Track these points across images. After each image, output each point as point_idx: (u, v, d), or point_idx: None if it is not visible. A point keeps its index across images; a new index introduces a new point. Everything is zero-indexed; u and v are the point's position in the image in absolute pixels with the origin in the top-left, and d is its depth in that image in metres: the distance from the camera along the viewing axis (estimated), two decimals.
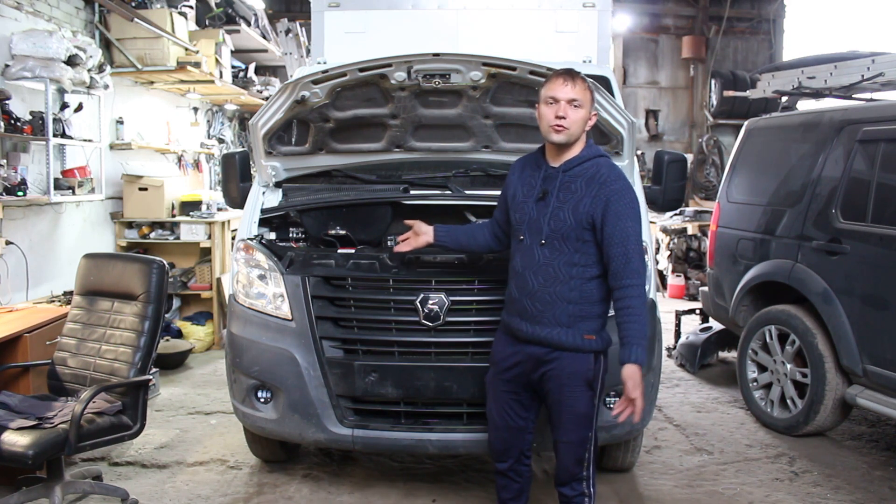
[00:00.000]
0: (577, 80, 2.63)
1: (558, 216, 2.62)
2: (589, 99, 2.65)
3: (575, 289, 2.62)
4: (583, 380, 2.65)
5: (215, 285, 6.26)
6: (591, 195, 2.59)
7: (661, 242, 9.39)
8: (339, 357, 3.17)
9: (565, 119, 2.59)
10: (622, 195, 2.59)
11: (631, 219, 2.59)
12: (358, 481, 3.65)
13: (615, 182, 2.61)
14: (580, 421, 2.69)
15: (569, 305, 2.62)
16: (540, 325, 2.65)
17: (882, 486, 3.68)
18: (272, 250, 3.39)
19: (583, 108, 2.62)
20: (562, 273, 2.62)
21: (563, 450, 2.74)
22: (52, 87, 4.87)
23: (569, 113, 2.60)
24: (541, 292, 2.64)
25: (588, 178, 2.63)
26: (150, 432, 4.18)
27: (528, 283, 2.67)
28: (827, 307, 4.06)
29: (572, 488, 2.75)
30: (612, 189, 2.59)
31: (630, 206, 2.60)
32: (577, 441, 2.71)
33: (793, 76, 6.01)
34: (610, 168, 2.66)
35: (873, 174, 3.97)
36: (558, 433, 2.74)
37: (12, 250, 4.78)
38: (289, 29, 7.38)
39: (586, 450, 2.72)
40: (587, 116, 2.65)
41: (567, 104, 2.60)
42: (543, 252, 2.64)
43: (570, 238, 2.61)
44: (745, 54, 13.07)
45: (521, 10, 4.38)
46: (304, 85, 3.23)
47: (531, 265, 2.66)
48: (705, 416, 4.72)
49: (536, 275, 2.65)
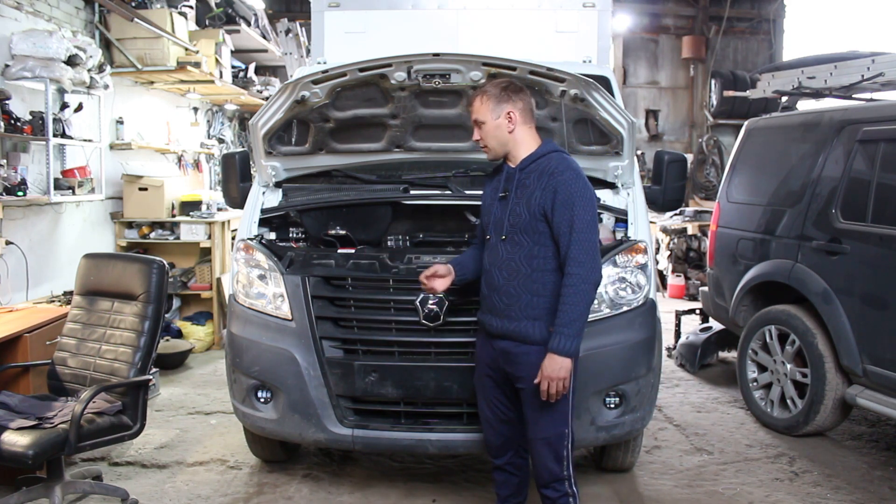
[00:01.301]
0: (473, 100, 2.74)
1: (515, 211, 2.68)
2: (487, 108, 2.68)
3: (537, 281, 2.66)
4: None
5: (215, 285, 6.26)
6: (542, 187, 2.64)
7: (661, 242, 9.39)
8: (339, 357, 3.17)
9: (480, 140, 2.74)
10: (569, 184, 2.61)
11: (578, 206, 2.59)
12: (358, 481, 3.65)
13: (563, 172, 2.64)
14: (554, 416, 2.69)
15: (533, 298, 2.66)
16: (508, 320, 2.70)
17: (882, 486, 3.68)
18: (272, 250, 3.39)
19: (486, 121, 2.69)
20: (523, 266, 2.67)
21: (539, 448, 2.74)
22: (52, 87, 4.87)
23: (479, 134, 2.73)
24: (505, 286, 2.69)
25: (540, 172, 2.68)
26: (150, 432, 4.18)
27: (494, 279, 2.73)
28: (827, 307, 4.06)
29: (555, 489, 2.74)
30: (559, 179, 2.62)
31: (578, 194, 2.60)
32: (553, 437, 2.70)
33: (793, 76, 6.00)
34: (560, 160, 2.69)
35: (873, 174, 3.97)
36: (534, 430, 2.74)
37: (12, 250, 4.79)
38: (289, 29, 7.38)
39: (564, 447, 2.71)
40: (495, 124, 2.69)
41: (476, 127, 2.73)
42: (506, 247, 2.70)
43: (527, 231, 2.65)
44: (745, 54, 13.07)
45: (521, 10, 4.38)
46: (304, 85, 3.23)
47: (496, 261, 2.73)
48: (705, 416, 4.72)
49: (501, 270, 2.71)
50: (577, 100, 3.18)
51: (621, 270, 3.21)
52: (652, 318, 3.25)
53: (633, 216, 3.45)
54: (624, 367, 3.14)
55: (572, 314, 2.56)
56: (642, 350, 3.20)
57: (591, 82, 3.04)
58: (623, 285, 3.20)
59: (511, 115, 2.68)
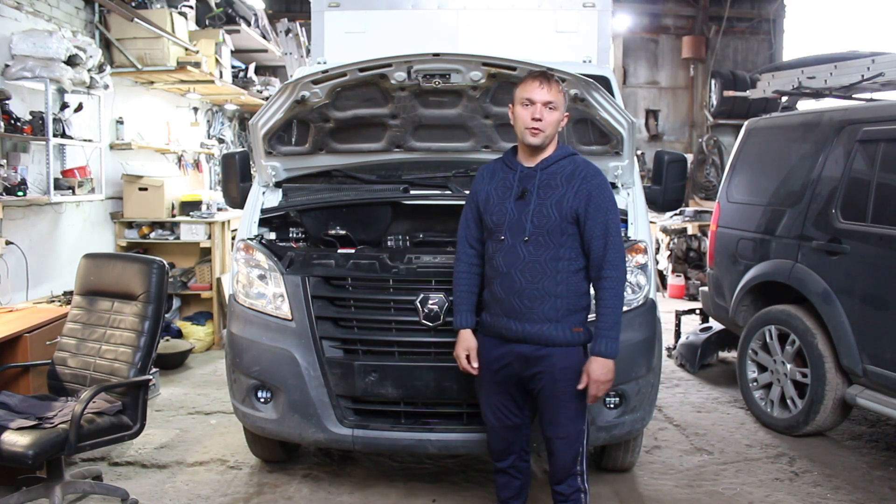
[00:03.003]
0: (552, 83, 2.68)
1: (542, 212, 2.66)
2: (563, 101, 2.71)
3: (562, 282, 2.66)
4: (575, 373, 2.68)
5: (215, 285, 6.26)
6: (574, 190, 2.66)
7: (661, 242, 9.39)
8: (339, 357, 3.17)
9: (541, 122, 2.64)
10: (602, 190, 2.68)
11: (611, 212, 2.67)
12: (358, 481, 3.65)
13: (595, 177, 2.70)
14: (575, 415, 2.73)
15: (557, 300, 2.65)
16: (529, 322, 2.67)
17: (882, 486, 3.68)
18: (272, 250, 3.39)
19: (557, 110, 2.68)
20: (549, 268, 2.66)
21: (560, 446, 2.75)
22: (52, 87, 4.87)
23: (545, 115, 2.64)
24: (529, 289, 2.66)
25: (567, 174, 2.69)
26: (150, 432, 4.18)
27: (514, 282, 2.69)
28: (827, 307, 4.06)
29: (569, 485, 2.78)
30: (593, 184, 2.67)
31: (610, 199, 2.69)
32: (573, 436, 2.74)
33: (793, 76, 6.01)
34: (587, 164, 2.74)
35: (873, 174, 3.97)
36: (554, 430, 2.75)
37: (12, 250, 4.79)
38: (289, 29, 7.38)
39: (581, 444, 2.76)
40: (561, 118, 2.71)
41: (543, 107, 2.65)
42: (528, 249, 2.67)
43: (554, 233, 2.65)
44: (745, 54, 13.07)
45: (521, 10, 4.38)
46: (304, 85, 3.23)
47: (516, 263, 2.68)
48: (705, 416, 4.72)
49: (523, 272, 2.67)
50: (577, 100, 3.18)
51: None
52: (652, 318, 3.25)
53: (633, 216, 3.46)
54: (624, 367, 3.12)
55: (615, 317, 2.62)
56: (642, 350, 3.20)
57: (591, 82, 3.04)
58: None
59: (566, 118, 2.77)
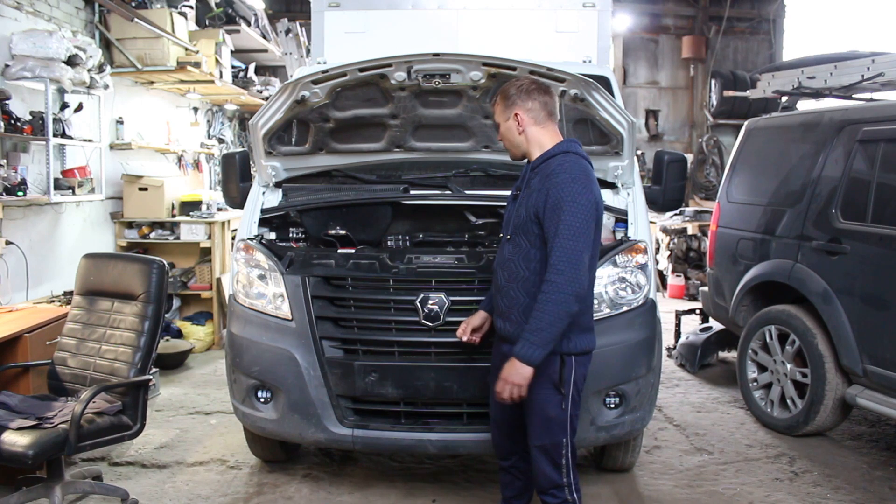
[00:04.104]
0: (493, 103, 2.75)
1: (519, 212, 2.65)
2: (500, 109, 2.69)
3: (535, 284, 2.56)
4: (548, 381, 2.57)
5: (215, 285, 6.26)
6: (538, 188, 2.56)
7: (661, 242, 9.39)
8: (339, 357, 3.17)
9: (502, 140, 2.75)
10: (561, 188, 2.49)
11: (567, 212, 2.46)
12: (358, 481, 3.65)
13: (559, 175, 2.52)
14: (549, 425, 2.62)
15: (530, 301, 2.55)
16: (508, 322, 2.67)
17: (882, 486, 3.68)
18: (272, 250, 3.39)
19: (499, 123, 2.71)
20: (521, 269, 2.61)
21: (536, 454, 2.68)
22: (52, 87, 4.87)
23: (500, 134, 2.73)
24: (506, 288, 2.67)
25: (546, 173, 2.57)
26: (150, 432, 4.18)
27: (497, 279, 2.72)
28: (827, 307, 4.06)
29: (553, 496, 2.68)
30: (553, 181, 2.51)
31: (569, 198, 2.47)
32: (549, 446, 2.63)
33: (793, 76, 6.01)
34: (561, 162, 2.57)
35: (873, 174, 3.97)
36: (531, 437, 2.69)
37: (12, 250, 4.79)
38: (289, 29, 7.38)
39: (561, 455, 2.63)
40: (506, 126, 2.69)
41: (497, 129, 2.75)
42: (508, 248, 2.68)
43: (526, 233, 2.60)
44: (745, 54, 13.07)
45: (521, 10, 4.39)
46: (304, 85, 3.23)
47: (500, 261, 2.72)
48: (705, 416, 4.72)
49: (503, 270, 2.68)
50: (577, 100, 3.18)
51: (621, 270, 3.21)
52: (652, 318, 3.25)
53: (633, 216, 3.46)
54: (624, 367, 3.14)
55: (540, 322, 2.45)
56: (642, 350, 3.20)
57: (591, 82, 3.04)
58: (623, 285, 3.20)
59: (518, 117, 2.62)
